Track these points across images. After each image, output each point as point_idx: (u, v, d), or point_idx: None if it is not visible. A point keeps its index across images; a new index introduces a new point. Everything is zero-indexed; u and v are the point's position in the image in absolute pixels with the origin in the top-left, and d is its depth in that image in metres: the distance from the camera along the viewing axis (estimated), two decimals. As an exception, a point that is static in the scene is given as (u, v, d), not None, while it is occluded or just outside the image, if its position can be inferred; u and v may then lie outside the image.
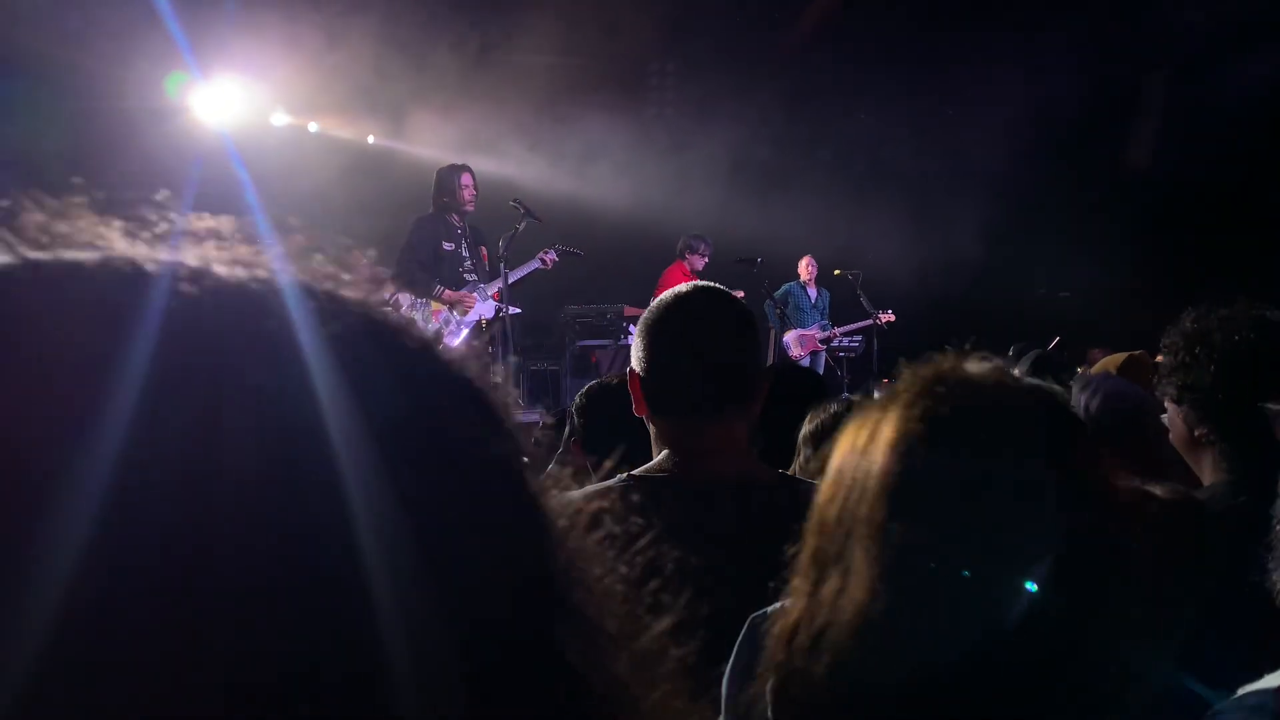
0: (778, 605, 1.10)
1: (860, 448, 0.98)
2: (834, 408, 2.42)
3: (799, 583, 0.99)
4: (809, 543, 1.00)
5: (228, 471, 0.43)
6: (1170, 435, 2.10)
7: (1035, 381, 1.03)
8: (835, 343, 10.26)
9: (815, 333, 9.77)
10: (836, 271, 10.06)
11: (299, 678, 0.43)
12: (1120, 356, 3.73)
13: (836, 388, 8.53)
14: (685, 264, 8.97)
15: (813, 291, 10.09)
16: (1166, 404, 2.09)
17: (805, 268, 10.04)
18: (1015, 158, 10.18)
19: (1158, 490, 1.65)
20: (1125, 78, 10.13)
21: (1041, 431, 0.97)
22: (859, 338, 10.28)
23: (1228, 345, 1.87)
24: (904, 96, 10.46)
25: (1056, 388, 1.05)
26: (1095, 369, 4.06)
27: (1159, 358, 2.14)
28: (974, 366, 1.02)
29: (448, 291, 6.84)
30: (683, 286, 1.87)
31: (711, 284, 1.92)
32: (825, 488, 1.00)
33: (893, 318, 9.80)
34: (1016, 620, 0.90)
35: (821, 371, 9.26)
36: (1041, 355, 5.15)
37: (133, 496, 0.42)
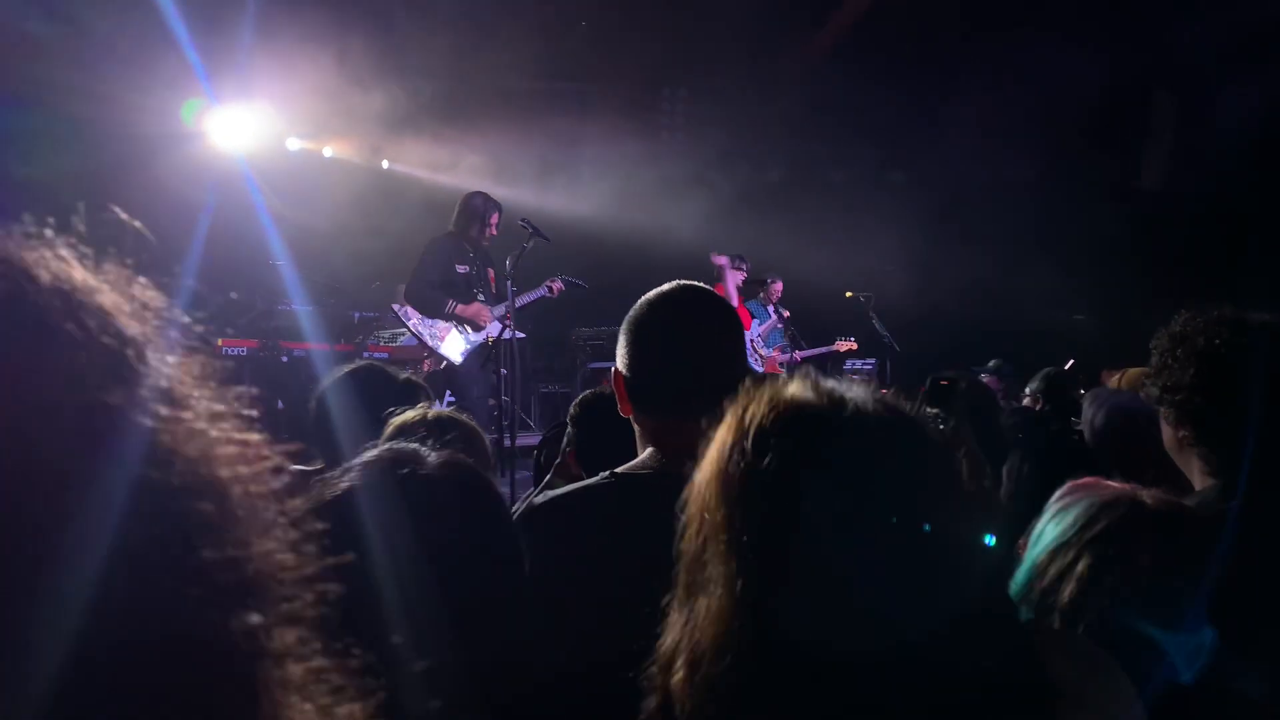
0: None
1: (700, 479, 1.03)
2: None
3: (673, 615, 1.03)
4: (680, 578, 1.03)
5: None
6: (1164, 440, 2.08)
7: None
8: (848, 366, 10.20)
9: (776, 355, 9.58)
10: (849, 294, 10.03)
11: None
12: (1138, 371, 3.68)
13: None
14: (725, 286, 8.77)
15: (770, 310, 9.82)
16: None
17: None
18: (1030, 178, 10.16)
19: (1146, 496, 1.63)
20: (1140, 97, 10.11)
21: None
22: (872, 361, 10.22)
23: (1207, 348, 1.85)
24: (914, 118, 10.46)
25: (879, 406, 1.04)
26: (1125, 382, 4.04)
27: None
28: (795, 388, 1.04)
29: (460, 306, 6.84)
30: (666, 286, 1.87)
31: (695, 283, 1.91)
32: (684, 526, 1.03)
33: (854, 345, 9.78)
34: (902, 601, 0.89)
35: None
36: (1055, 375, 5.16)
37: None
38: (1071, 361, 7.80)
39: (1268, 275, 7.96)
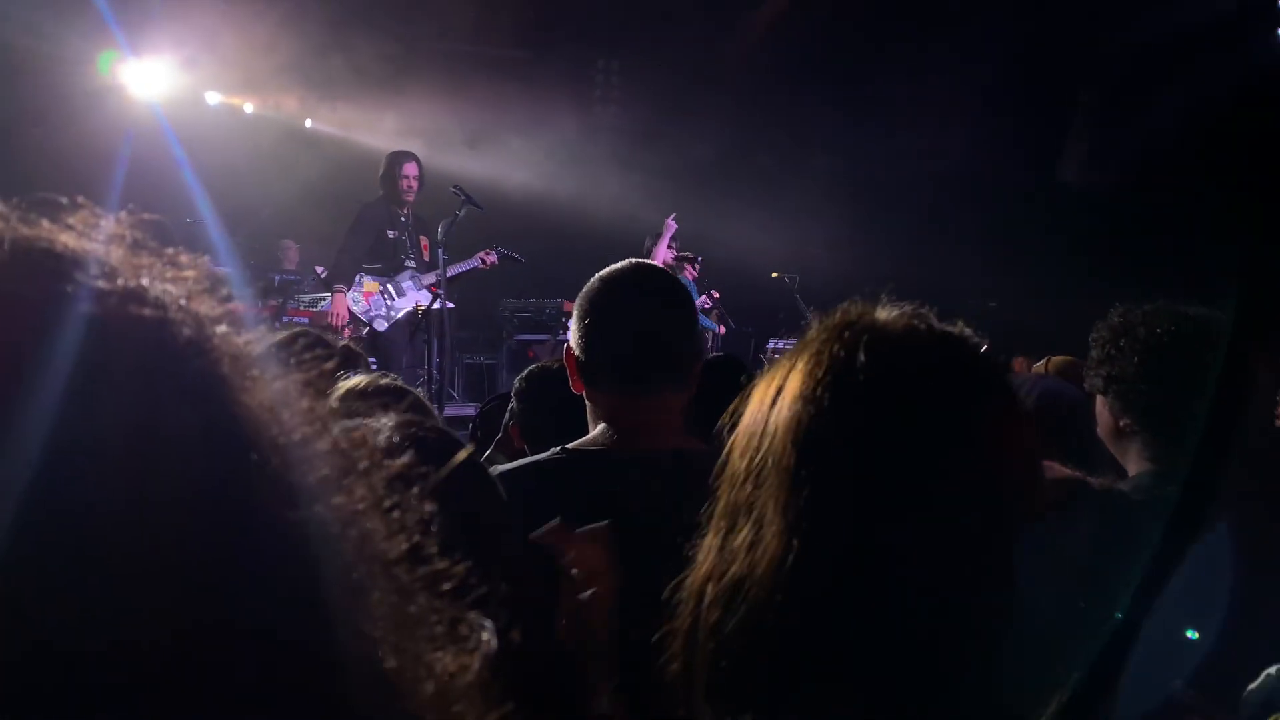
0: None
1: (769, 400, 0.96)
2: None
3: (710, 538, 0.96)
4: (721, 496, 0.96)
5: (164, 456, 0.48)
6: (1098, 427, 2.17)
7: (947, 329, 1.01)
8: (771, 345, 10.33)
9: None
10: (774, 274, 10.12)
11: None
12: (1063, 359, 3.79)
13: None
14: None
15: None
16: (1097, 396, 2.15)
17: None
18: (945, 167, 10.38)
19: (1091, 480, 1.71)
20: (1058, 92, 10.37)
21: (949, 383, 0.96)
22: (795, 341, 10.31)
23: (1150, 337, 1.94)
24: (837, 106, 10.59)
25: (970, 337, 1.02)
26: (1038, 369, 4.15)
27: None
28: (883, 313, 1.01)
29: (337, 296, 6.82)
30: (619, 264, 1.90)
31: (647, 261, 1.96)
32: (736, 441, 0.97)
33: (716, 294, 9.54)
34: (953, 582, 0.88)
35: None
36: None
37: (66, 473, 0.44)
38: (985, 347, 8.01)
39: (1177, 269, 8.28)
